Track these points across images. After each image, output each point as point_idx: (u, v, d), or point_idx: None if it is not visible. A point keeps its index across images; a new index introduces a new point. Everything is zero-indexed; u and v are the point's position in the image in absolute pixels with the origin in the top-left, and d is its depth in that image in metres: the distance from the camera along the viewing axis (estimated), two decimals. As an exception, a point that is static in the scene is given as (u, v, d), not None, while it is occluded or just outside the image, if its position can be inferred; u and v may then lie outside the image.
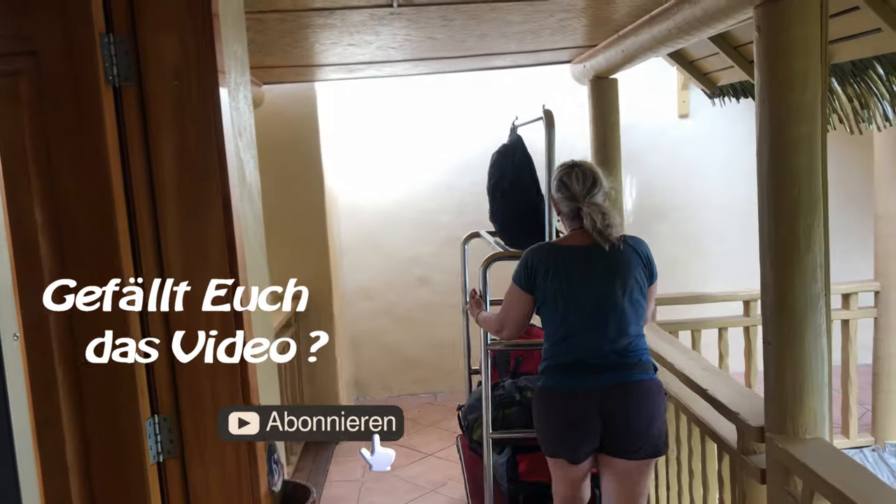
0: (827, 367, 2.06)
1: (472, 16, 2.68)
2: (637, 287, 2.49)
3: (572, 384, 2.45)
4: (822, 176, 2.01)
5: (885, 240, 4.10)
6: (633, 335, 2.46)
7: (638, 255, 2.54)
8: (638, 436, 2.41)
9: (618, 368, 2.43)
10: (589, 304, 2.45)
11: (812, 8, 1.95)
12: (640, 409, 2.42)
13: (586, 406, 2.42)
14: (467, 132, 5.51)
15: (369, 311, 5.57)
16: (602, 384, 2.41)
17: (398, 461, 4.51)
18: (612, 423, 2.41)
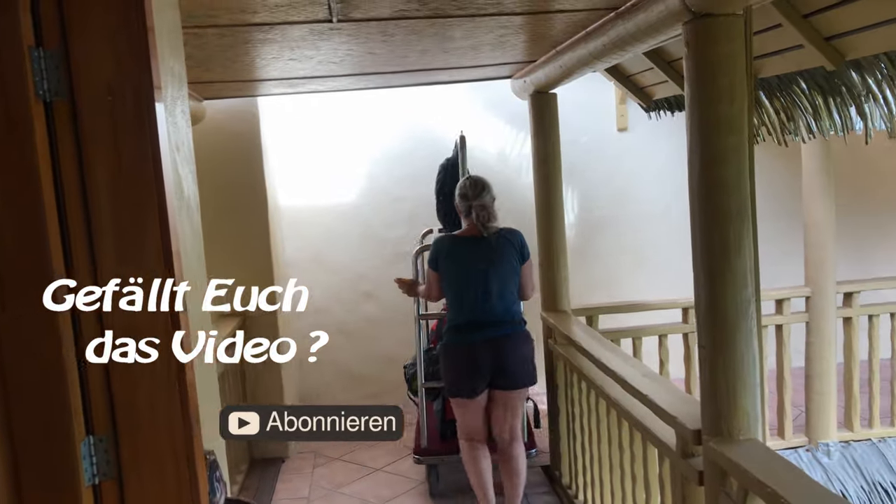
0: (759, 369, 2.13)
1: (413, 31, 2.71)
2: (510, 266, 3.43)
3: (465, 339, 3.41)
4: (749, 185, 2.08)
5: (814, 247, 4.26)
6: (507, 301, 3.42)
7: (511, 242, 3.46)
8: (516, 371, 3.40)
9: (496, 325, 3.39)
10: (474, 279, 3.39)
11: (737, 25, 2.03)
12: (515, 353, 3.40)
13: (477, 354, 3.37)
14: (415, 145, 5.54)
15: (316, 326, 5.52)
16: (486, 337, 3.38)
17: (345, 477, 4.51)
18: (497, 364, 3.37)
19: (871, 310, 4.38)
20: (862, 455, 4.33)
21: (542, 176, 4.05)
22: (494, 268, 3.38)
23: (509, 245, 3.43)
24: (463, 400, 3.44)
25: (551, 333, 4.03)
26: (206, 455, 1.69)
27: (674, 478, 2.51)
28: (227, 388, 4.07)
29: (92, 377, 1.47)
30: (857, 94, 2.71)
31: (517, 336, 3.43)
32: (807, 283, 4.34)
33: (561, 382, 3.94)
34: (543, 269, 4.13)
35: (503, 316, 3.40)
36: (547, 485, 4.19)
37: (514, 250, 3.44)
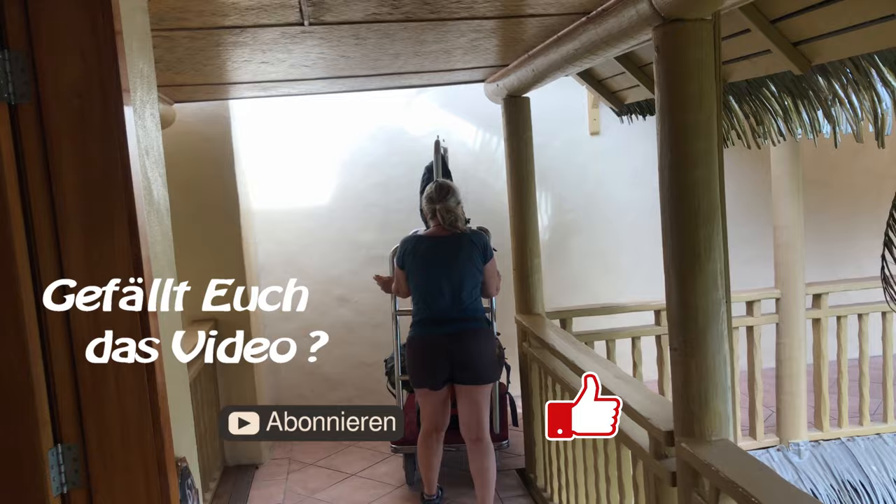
0: (730, 370, 2.16)
1: (385, 35, 2.71)
2: (471, 266, 3.59)
3: (427, 333, 3.60)
4: (719, 188, 2.11)
5: (784, 249, 4.32)
6: (467, 299, 3.59)
7: (474, 242, 3.62)
8: (476, 366, 3.54)
9: (457, 321, 3.57)
10: (436, 277, 3.58)
11: (706, 30, 2.05)
12: (474, 348, 3.55)
13: (437, 348, 3.55)
14: (388, 150, 5.54)
15: (289, 331, 5.48)
16: (447, 332, 3.55)
17: (320, 483, 4.48)
18: (456, 359, 3.52)
19: (839, 311, 4.46)
20: (831, 454, 4.39)
21: (516, 179, 4.07)
22: (457, 267, 3.57)
23: (472, 245, 3.61)
24: (425, 391, 3.63)
25: (525, 336, 4.04)
26: (178, 462, 1.67)
27: (647, 479, 2.53)
28: (199, 393, 4.03)
29: (60, 384, 1.45)
30: (824, 98, 2.76)
31: (477, 332, 3.60)
32: (777, 284, 4.40)
33: (535, 385, 3.95)
34: (517, 271, 4.14)
35: (464, 313, 3.59)
36: (522, 488, 4.20)
37: (477, 250, 3.62)
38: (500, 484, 4.25)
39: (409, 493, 4.23)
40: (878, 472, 4.29)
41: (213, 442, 4.32)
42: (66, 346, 1.44)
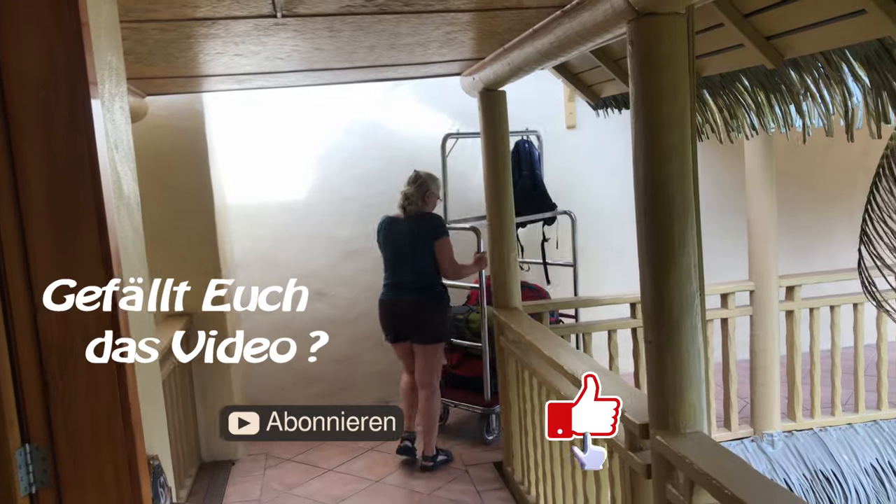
0: (704, 363, 2.17)
1: (359, 27, 2.69)
2: (423, 243, 4.24)
3: (385, 296, 4.36)
4: (693, 182, 2.12)
5: (757, 241, 4.36)
6: (418, 271, 4.26)
7: (426, 224, 4.27)
8: (414, 328, 4.27)
9: (403, 289, 4.28)
10: (393, 252, 4.34)
11: (680, 23, 2.06)
12: (417, 313, 4.27)
13: (391, 309, 4.33)
14: (366, 143, 5.52)
15: (265, 326, 5.44)
16: (395, 297, 4.31)
17: (297, 478, 4.47)
18: (399, 320, 4.30)
19: (812, 303, 4.51)
20: (804, 444, 4.45)
21: (492, 173, 4.06)
22: (410, 243, 4.27)
23: (421, 226, 4.27)
24: (390, 343, 4.44)
25: (502, 330, 4.05)
26: (150, 460, 1.65)
27: (623, 471, 2.54)
28: (174, 390, 4.00)
29: (27, 383, 1.42)
30: (796, 93, 2.78)
31: (418, 300, 4.27)
32: (750, 277, 4.44)
33: (512, 379, 3.96)
34: (494, 266, 4.14)
35: (412, 283, 4.27)
36: (499, 481, 4.22)
37: (429, 231, 4.24)
38: (477, 477, 4.28)
39: (385, 487, 4.23)
40: (850, 461, 4.35)
41: (188, 439, 4.28)
42: (34, 345, 1.42)
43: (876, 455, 4.39)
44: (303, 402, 5.55)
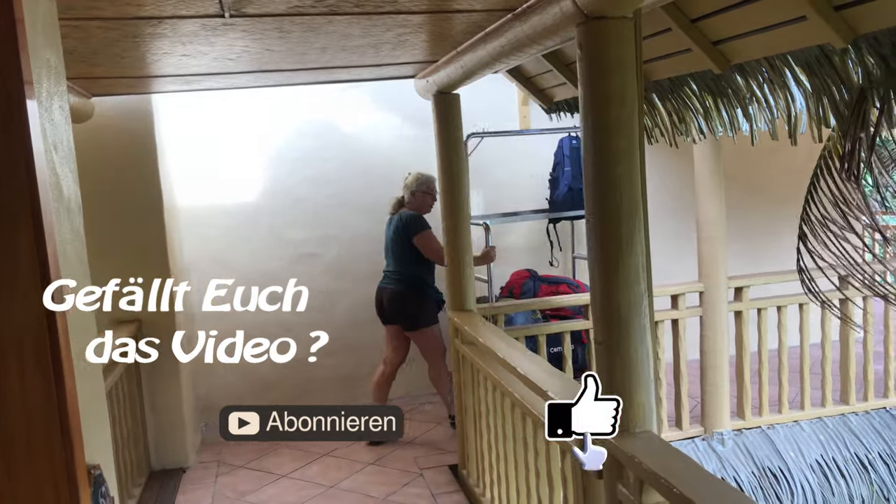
0: (653, 363, 2.20)
1: (310, 28, 2.66)
2: (399, 239, 4.80)
3: (379, 284, 4.97)
4: (641, 184, 2.14)
5: (707, 243, 4.44)
6: (397, 264, 4.84)
7: (401, 223, 4.78)
8: (397, 315, 4.86)
9: (386, 279, 4.92)
10: (385, 246, 4.95)
11: (627, 28, 2.08)
12: (392, 301, 4.85)
13: (378, 295, 4.95)
14: (320, 144, 5.48)
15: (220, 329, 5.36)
16: (382, 285, 4.94)
17: (250, 485, 4.40)
18: (384, 306, 4.90)
19: (759, 303, 4.60)
20: (753, 442, 4.54)
21: (447, 175, 4.06)
22: (393, 240, 4.84)
23: (401, 225, 4.78)
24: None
25: (458, 332, 4.05)
26: (90, 469, 1.61)
27: (575, 472, 2.56)
28: (121, 396, 3.91)
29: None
30: (742, 97, 2.84)
31: (399, 290, 4.83)
32: (700, 278, 4.52)
33: (468, 381, 3.96)
34: (450, 268, 4.14)
35: (394, 273, 4.87)
36: (454, 484, 4.21)
37: (404, 229, 4.75)
38: (432, 481, 4.27)
39: (340, 493, 4.19)
40: (796, 457, 4.45)
41: (136, 446, 4.19)
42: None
43: (821, 451, 4.50)
44: (256, 407, 5.47)
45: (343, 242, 5.58)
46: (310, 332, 5.50)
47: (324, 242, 5.53)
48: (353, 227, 5.58)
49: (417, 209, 4.84)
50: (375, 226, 5.61)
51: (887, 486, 4.44)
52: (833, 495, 4.39)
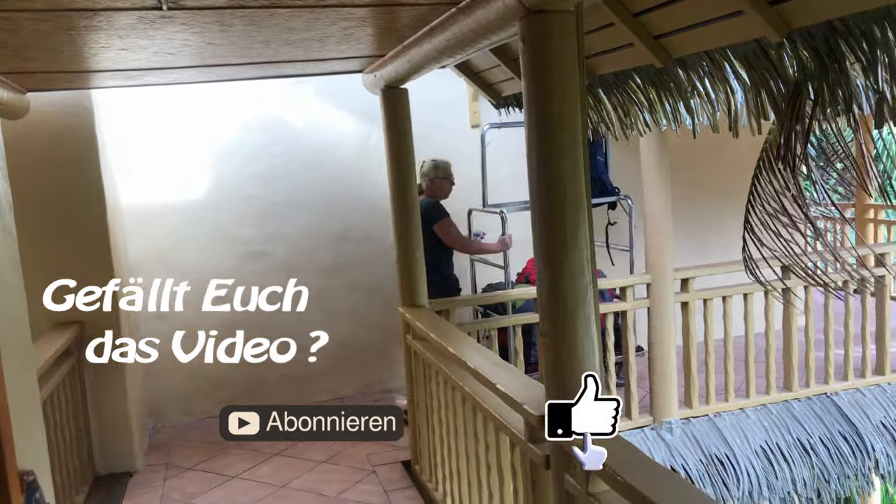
0: (598, 353, 2.22)
1: (252, 22, 2.62)
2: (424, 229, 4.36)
3: None
4: (584, 178, 2.16)
5: (654, 236, 4.50)
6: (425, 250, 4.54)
7: (421, 211, 4.36)
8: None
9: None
10: None
11: (569, 21, 2.09)
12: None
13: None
14: (268, 140, 5.40)
15: (161, 330, 5.25)
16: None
17: (199, 487, 4.32)
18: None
19: (705, 294, 4.69)
20: (700, 430, 4.63)
21: (396, 171, 4.04)
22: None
23: (422, 213, 4.49)
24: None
25: (409, 328, 4.04)
26: (23, 476, 1.56)
27: (524, 464, 2.57)
28: (62, 399, 3.81)
29: None
30: (684, 91, 2.88)
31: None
32: (648, 270, 4.59)
33: (420, 377, 3.96)
34: (401, 264, 4.13)
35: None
36: (407, 479, 4.21)
37: (423, 217, 4.47)
38: (385, 477, 4.26)
39: (291, 492, 4.15)
40: (742, 444, 4.56)
41: (80, 451, 4.08)
42: None
43: (765, 437, 4.62)
44: (205, 409, 5.39)
45: (292, 240, 5.51)
46: (256, 331, 5.42)
47: (272, 240, 5.46)
48: (302, 224, 5.52)
49: (436, 196, 4.93)
50: (324, 222, 5.57)
51: (828, 469, 4.57)
52: (777, 479, 4.50)
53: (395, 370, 5.48)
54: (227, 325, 5.35)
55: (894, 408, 4.87)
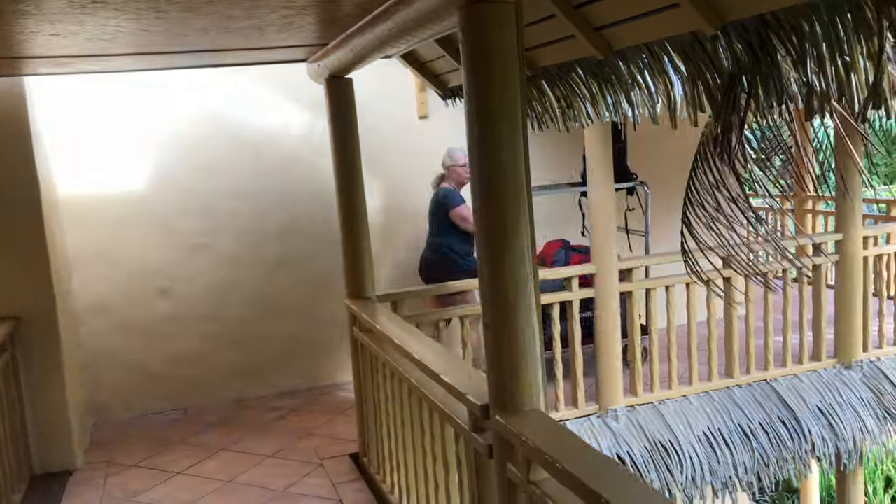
0: (539, 343, 2.23)
1: (188, 8, 2.55)
2: (436, 215, 5.34)
3: (421, 254, 5.51)
4: (525, 168, 2.16)
5: (597, 227, 4.55)
6: (433, 235, 5.37)
7: (439, 198, 5.31)
8: (430, 280, 5.19)
9: (427, 249, 5.44)
10: (428, 219, 5.46)
11: (508, 12, 2.09)
12: (427, 268, 5.38)
13: (420, 263, 5.49)
14: (211, 131, 5.31)
15: (105, 327, 5.14)
16: (422, 254, 5.48)
17: (142, 484, 4.25)
18: (423, 271, 5.44)
19: (647, 284, 4.77)
20: (645, 417, 4.71)
21: (341, 161, 4.00)
22: (433, 212, 5.38)
23: (438, 200, 5.32)
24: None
25: (356, 321, 4.02)
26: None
27: (468, 454, 2.58)
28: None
29: None
30: (625, 83, 2.91)
31: (431, 258, 5.36)
32: (593, 261, 4.64)
33: (367, 369, 3.94)
34: (346, 255, 4.09)
35: (431, 244, 5.38)
36: (356, 472, 4.19)
37: (441, 204, 5.28)
38: (333, 470, 4.24)
39: (238, 487, 4.10)
40: (685, 430, 4.65)
41: (15, 450, 3.96)
42: None
43: (708, 423, 4.72)
44: (149, 405, 5.29)
45: (236, 232, 5.43)
46: (198, 324, 5.34)
47: (216, 232, 5.37)
48: (247, 215, 5.44)
49: (457, 182, 5.29)
50: (270, 214, 5.50)
51: (767, 453, 4.70)
52: (719, 464, 4.61)
53: (345, 363, 5.45)
54: (169, 318, 5.29)
55: (830, 392, 5.03)
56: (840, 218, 5.21)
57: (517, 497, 2.20)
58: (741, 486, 4.72)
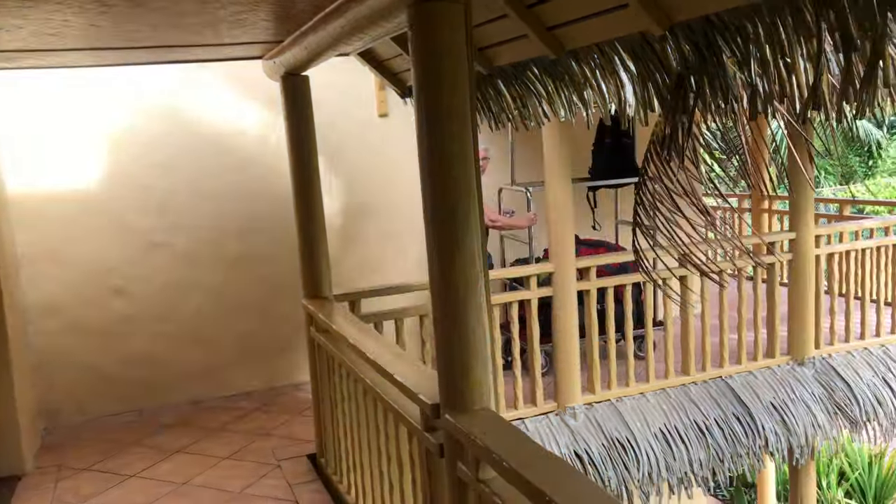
0: (489, 341, 2.23)
1: (136, 3, 2.51)
2: None
3: None
4: (475, 167, 2.16)
5: (556, 225, 4.58)
6: None
7: None
8: None
9: None
10: None
11: (457, 11, 2.09)
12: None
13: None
14: (168, 128, 5.23)
15: (56, 327, 5.04)
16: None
17: (94, 488, 4.17)
18: None
19: (603, 282, 4.80)
20: (602, 415, 4.75)
21: (298, 160, 3.97)
22: None
23: None
24: None
25: (312, 321, 3.99)
26: None
27: (420, 453, 2.57)
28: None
29: None
30: (577, 82, 2.93)
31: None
32: (551, 259, 4.66)
33: (324, 369, 3.91)
34: (303, 255, 4.06)
35: None
36: (313, 473, 4.16)
37: None
38: (290, 471, 4.21)
39: (193, 489, 4.04)
40: (642, 427, 4.70)
41: (-39, 455, 3.86)
42: None
43: (664, 420, 4.78)
44: (103, 407, 5.20)
45: (194, 230, 5.36)
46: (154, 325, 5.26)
47: (173, 231, 5.29)
48: (204, 214, 5.37)
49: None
50: (228, 212, 5.44)
51: (722, 449, 4.77)
52: (675, 460, 4.67)
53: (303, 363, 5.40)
54: (124, 318, 5.20)
55: (783, 388, 5.12)
56: (793, 217, 5.31)
57: (467, 496, 2.20)
58: (697, 482, 4.79)
